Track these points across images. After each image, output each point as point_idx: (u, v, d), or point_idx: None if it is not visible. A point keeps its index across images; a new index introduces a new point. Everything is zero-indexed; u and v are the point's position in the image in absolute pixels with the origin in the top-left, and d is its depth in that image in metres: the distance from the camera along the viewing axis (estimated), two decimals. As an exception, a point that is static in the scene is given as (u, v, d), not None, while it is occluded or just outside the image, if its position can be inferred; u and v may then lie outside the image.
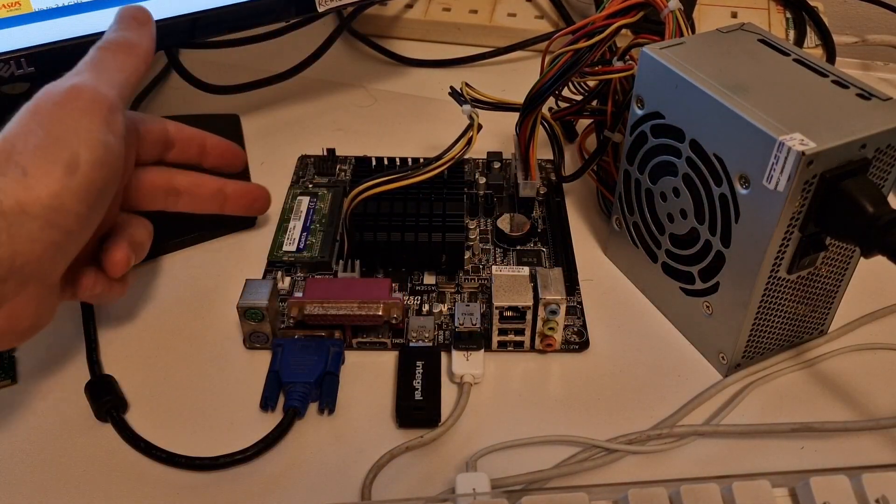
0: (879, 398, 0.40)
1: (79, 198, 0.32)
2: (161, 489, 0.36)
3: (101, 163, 0.33)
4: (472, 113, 0.43)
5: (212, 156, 0.45)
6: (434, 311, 0.44)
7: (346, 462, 0.37)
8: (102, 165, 0.33)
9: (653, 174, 0.41)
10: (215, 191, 0.44)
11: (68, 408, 0.39)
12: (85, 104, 0.34)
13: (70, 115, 0.33)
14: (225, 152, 0.45)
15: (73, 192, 0.32)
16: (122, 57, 0.37)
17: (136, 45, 0.38)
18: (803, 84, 0.36)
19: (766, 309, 0.38)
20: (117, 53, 0.37)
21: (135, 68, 0.37)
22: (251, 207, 0.47)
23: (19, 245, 0.31)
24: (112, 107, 0.35)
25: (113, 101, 0.35)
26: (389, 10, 0.69)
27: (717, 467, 0.37)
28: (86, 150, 0.33)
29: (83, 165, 0.33)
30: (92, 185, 0.33)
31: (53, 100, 0.34)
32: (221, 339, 0.43)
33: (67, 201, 0.32)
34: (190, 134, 0.44)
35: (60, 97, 0.34)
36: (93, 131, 0.33)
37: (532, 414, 0.39)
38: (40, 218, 0.31)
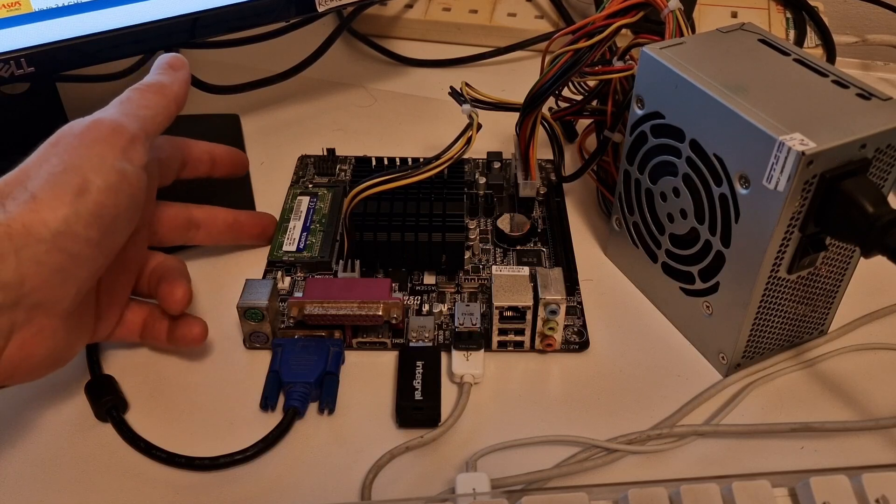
0: (879, 398, 0.40)
1: (88, 222, 0.32)
2: (161, 489, 0.36)
3: (114, 189, 0.33)
4: (471, 112, 0.43)
5: (221, 166, 0.46)
6: (434, 311, 0.44)
7: (346, 462, 0.37)
8: (116, 192, 0.34)
9: (653, 174, 0.41)
10: (231, 222, 0.46)
11: (68, 408, 0.39)
12: (103, 134, 0.34)
13: (86, 144, 0.34)
14: (231, 160, 0.46)
15: (82, 216, 0.32)
16: (151, 96, 0.38)
17: (167, 87, 0.39)
18: (803, 84, 0.36)
19: (766, 309, 0.38)
20: (146, 93, 0.38)
21: (163, 107, 0.38)
22: (262, 235, 0.48)
23: (26, 268, 0.31)
24: (132, 137, 0.35)
25: (134, 133, 0.35)
26: (389, 10, 0.69)
27: (717, 467, 0.37)
28: (98, 175, 0.33)
29: (94, 191, 0.33)
30: (103, 210, 0.33)
31: (74, 132, 0.34)
32: (221, 339, 0.43)
33: (76, 225, 0.32)
34: (201, 150, 0.44)
35: (81, 129, 0.34)
36: (107, 158, 0.34)
37: (532, 414, 0.39)
38: (47, 242, 0.31)
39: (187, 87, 0.40)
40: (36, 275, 0.31)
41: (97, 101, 0.60)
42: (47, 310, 0.33)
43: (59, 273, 0.32)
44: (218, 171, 0.46)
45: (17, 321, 0.32)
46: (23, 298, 0.31)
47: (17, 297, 0.31)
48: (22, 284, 0.31)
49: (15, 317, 0.31)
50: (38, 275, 0.31)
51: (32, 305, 0.32)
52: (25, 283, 0.31)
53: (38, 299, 0.32)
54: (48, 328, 0.33)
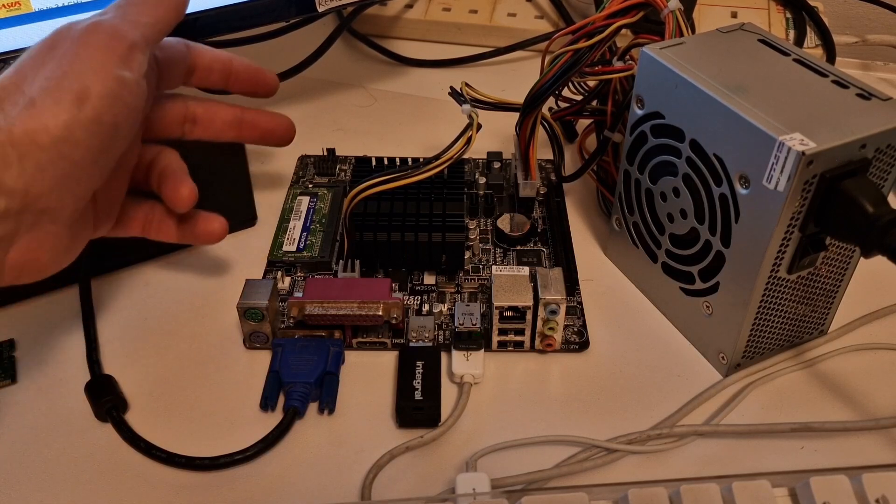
0: (879, 398, 0.40)
1: (89, 130, 0.32)
2: (161, 489, 0.36)
3: (113, 96, 0.33)
4: (471, 112, 0.43)
5: (239, 80, 0.43)
6: (434, 311, 0.44)
7: (346, 462, 0.37)
8: (115, 99, 0.33)
9: (653, 174, 0.41)
10: (232, 118, 0.43)
11: (68, 408, 0.39)
12: (102, 40, 0.33)
13: (85, 50, 0.33)
14: (253, 76, 0.43)
15: (82, 123, 0.32)
16: (152, 4, 0.36)
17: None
18: (803, 84, 0.36)
19: (766, 309, 0.38)
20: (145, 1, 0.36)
21: (163, 17, 0.36)
22: (271, 135, 0.45)
23: (30, 175, 0.31)
24: (131, 45, 0.34)
25: (133, 40, 0.34)
26: (389, 10, 0.69)
27: (717, 467, 0.37)
28: (97, 83, 0.32)
29: (94, 98, 0.32)
30: (103, 117, 0.33)
31: (71, 36, 0.33)
32: (221, 339, 0.43)
33: (77, 133, 0.32)
34: (213, 57, 0.42)
35: (79, 33, 0.33)
36: (107, 66, 0.33)
37: (532, 414, 0.39)
38: (50, 149, 0.31)
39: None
40: (40, 181, 0.31)
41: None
42: (51, 216, 0.33)
43: (62, 180, 0.32)
44: (236, 85, 0.43)
45: (22, 226, 0.32)
46: (28, 205, 0.31)
47: (23, 204, 0.31)
48: (27, 191, 0.31)
49: (21, 221, 0.32)
50: (41, 181, 0.31)
51: (38, 212, 0.32)
52: (30, 190, 0.31)
53: (42, 206, 0.32)
54: (52, 233, 0.33)
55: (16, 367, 0.41)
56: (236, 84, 0.43)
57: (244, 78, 0.43)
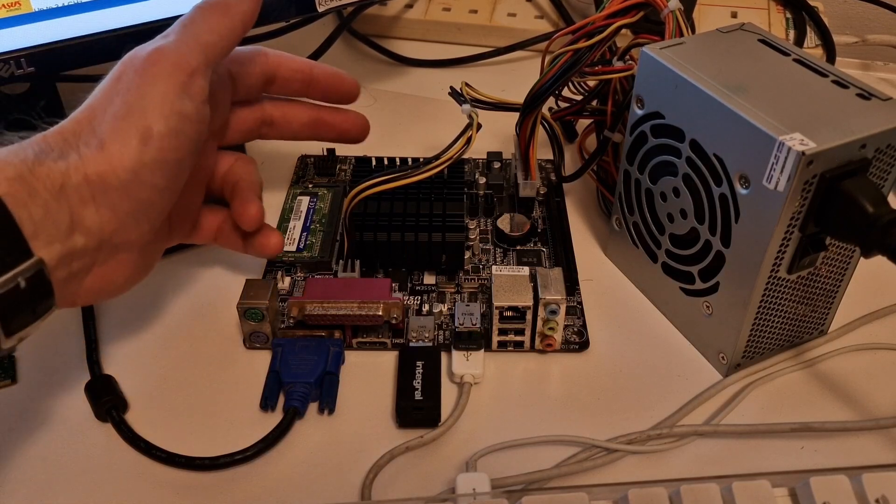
0: (879, 398, 0.40)
1: (153, 170, 0.33)
2: (161, 489, 0.36)
3: (175, 132, 0.33)
4: (471, 112, 0.43)
5: (320, 87, 0.43)
6: (434, 311, 0.44)
7: (346, 462, 0.37)
8: (177, 135, 0.33)
9: (653, 174, 0.41)
10: (308, 119, 0.43)
11: (68, 408, 0.39)
12: (164, 69, 0.33)
13: (148, 83, 0.33)
14: (334, 83, 0.43)
15: (147, 165, 0.32)
16: (217, 18, 0.36)
17: (233, 6, 0.36)
18: (803, 84, 0.36)
19: (766, 309, 0.38)
20: (212, 14, 0.36)
21: (228, 31, 0.36)
22: (347, 134, 0.45)
23: (103, 214, 0.32)
24: (193, 71, 0.34)
25: (195, 66, 0.34)
26: (389, 10, 0.69)
27: (717, 467, 0.37)
28: (159, 121, 0.32)
29: (156, 137, 0.32)
30: (167, 155, 0.33)
31: (135, 66, 0.33)
32: (221, 339, 0.43)
33: (143, 174, 0.32)
34: (294, 67, 0.41)
35: (141, 63, 0.33)
36: (168, 99, 0.33)
37: (532, 414, 0.39)
38: (118, 190, 0.32)
39: (258, 4, 0.37)
40: (112, 220, 0.32)
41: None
42: (125, 247, 0.34)
43: (132, 216, 0.33)
44: (315, 93, 0.42)
45: (97, 260, 0.33)
46: (104, 243, 0.32)
47: (100, 242, 0.32)
48: (102, 229, 0.32)
49: (96, 257, 0.32)
50: (114, 220, 0.32)
51: (113, 247, 0.33)
52: (105, 228, 0.32)
53: (117, 241, 0.33)
54: (126, 260, 0.34)
55: (16, 367, 0.41)
56: (316, 91, 0.43)
57: (325, 85, 0.43)
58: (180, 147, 0.34)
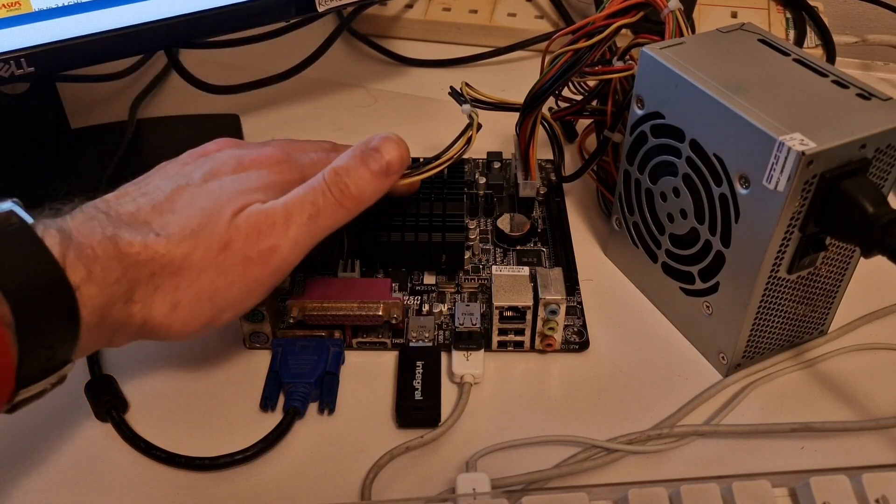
0: (879, 398, 0.40)
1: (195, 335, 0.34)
2: (161, 489, 0.36)
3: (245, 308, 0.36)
4: (471, 112, 0.43)
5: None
6: (434, 311, 0.44)
7: (346, 462, 0.37)
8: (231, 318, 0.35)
9: (653, 174, 0.41)
10: None
11: (68, 408, 0.39)
12: (268, 272, 0.34)
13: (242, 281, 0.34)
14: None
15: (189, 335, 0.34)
16: (341, 213, 0.36)
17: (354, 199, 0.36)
18: (803, 84, 0.36)
19: (766, 309, 0.38)
20: (339, 208, 0.36)
21: (342, 221, 0.36)
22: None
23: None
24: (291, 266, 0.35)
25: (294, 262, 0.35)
26: (389, 10, 0.69)
27: (717, 467, 0.37)
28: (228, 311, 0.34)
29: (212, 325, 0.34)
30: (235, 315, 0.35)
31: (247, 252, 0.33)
32: (221, 339, 0.43)
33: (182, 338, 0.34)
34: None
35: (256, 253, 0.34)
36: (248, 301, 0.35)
37: (532, 414, 0.39)
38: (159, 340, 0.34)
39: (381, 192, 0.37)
40: None
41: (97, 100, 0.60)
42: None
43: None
44: None
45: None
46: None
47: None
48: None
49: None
50: None
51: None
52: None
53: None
54: None
55: (16, 367, 0.41)
56: None
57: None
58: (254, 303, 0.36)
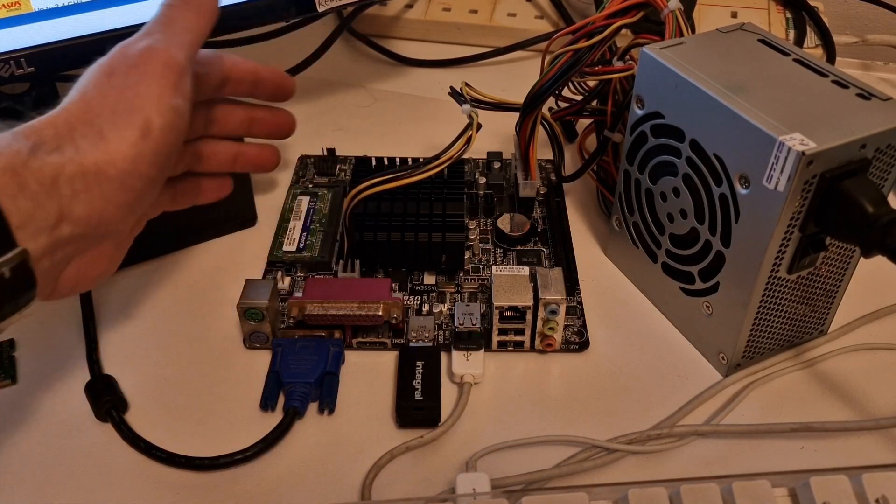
0: (879, 398, 0.40)
1: (150, 161, 0.33)
2: (161, 489, 0.36)
3: (171, 127, 0.34)
4: (471, 112, 0.43)
5: (266, 87, 0.44)
6: (434, 311, 0.44)
7: (346, 462, 0.37)
8: (172, 129, 0.34)
9: (653, 174, 0.41)
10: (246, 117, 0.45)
11: (68, 408, 0.39)
12: (158, 68, 0.34)
13: (144, 80, 0.34)
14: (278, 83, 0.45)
15: (145, 156, 0.33)
16: (191, 16, 0.37)
17: (205, 4, 0.38)
18: (803, 84, 0.36)
19: (766, 309, 0.38)
20: (186, 12, 0.37)
21: (203, 28, 0.37)
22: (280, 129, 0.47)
23: (96, 204, 0.32)
24: (182, 70, 0.35)
25: (183, 65, 0.35)
26: (389, 10, 0.69)
27: (717, 467, 0.37)
28: (158, 115, 0.33)
29: (155, 130, 0.33)
30: (163, 148, 0.34)
31: (129, 61, 0.34)
32: (221, 339, 0.43)
33: (141, 165, 0.33)
34: (245, 68, 0.43)
35: (135, 59, 0.34)
36: (164, 96, 0.34)
37: (532, 414, 0.39)
38: (116, 180, 0.32)
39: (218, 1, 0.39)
40: (104, 210, 0.32)
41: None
42: (111, 238, 0.34)
43: (125, 207, 0.33)
44: (262, 92, 0.44)
45: (80, 249, 0.33)
46: (91, 231, 0.33)
47: (86, 230, 0.32)
48: (91, 218, 0.32)
49: (80, 246, 0.33)
50: (106, 210, 0.32)
51: (98, 236, 0.33)
52: (93, 217, 0.32)
53: (103, 231, 0.33)
54: (105, 252, 0.35)
55: (16, 367, 0.41)
56: (263, 91, 0.44)
57: (270, 85, 0.44)
58: (175, 141, 0.35)
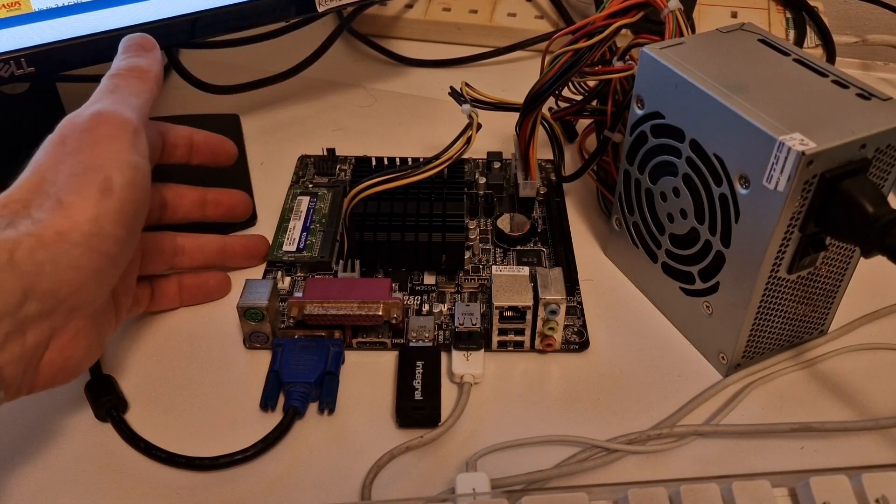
0: (879, 398, 0.40)
1: (115, 220, 0.33)
2: (161, 489, 0.36)
3: (132, 184, 0.34)
4: (471, 112, 0.43)
5: (200, 152, 0.44)
6: (434, 311, 0.44)
7: (346, 462, 0.37)
8: (134, 186, 0.34)
9: (653, 174, 0.41)
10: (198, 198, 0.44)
11: (68, 408, 0.39)
12: (111, 129, 0.34)
13: (98, 141, 0.34)
14: (211, 148, 0.44)
15: (110, 215, 0.32)
16: (136, 82, 0.37)
17: (147, 70, 0.38)
18: (803, 84, 0.36)
19: (766, 309, 0.38)
20: (130, 79, 0.37)
21: (149, 92, 0.38)
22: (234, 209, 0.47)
23: (63, 274, 0.31)
24: (135, 129, 0.35)
25: (135, 124, 0.35)
26: (389, 10, 0.69)
27: (717, 467, 0.37)
28: (118, 172, 0.33)
29: (117, 188, 0.33)
30: (127, 206, 0.33)
31: (79, 127, 0.34)
32: (221, 339, 0.43)
33: (106, 225, 0.32)
34: (178, 134, 0.43)
35: (85, 124, 0.34)
36: (122, 153, 0.34)
37: (532, 414, 0.39)
38: (81, 245, 0.32)
39: (162, 67, 0.40)
40: (73, 280, 0.32)
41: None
42: (82, 311, 0.33)
43: (94, 274, 0.32)
44: (196, 157, 0.44)
45: (56, 326, 0.32)
46: (61, 304, 0.32)
47: (56, 304, 0.31)
48: (59, 290, 0.31)
49: (54, 322, 0.32)
50: (75, 279, 0.32)
51: (70, 309, 0.32)
52: (63, 289, 0.31)
53: (74, 302, 0.32)
54: (82, 328, 0.33)
55: (16, 367, 0.41)
56: (198, 156, 0.44)
57: (205, 150, 0.44)
58: (137, 198, 0.34)
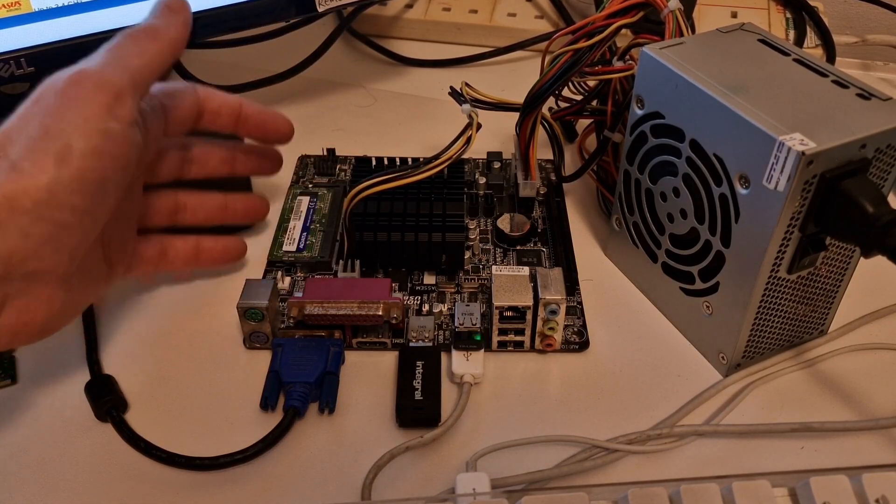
0: (879, 398, 0.40)
1: (72, 189, 0.31)
2: (161, 489, 0.36)
3: (98, 152, 0.32)
4: (471, 112, 0.43)
5: (249, 125, 0.42)
6: (434, 311, 0.44)
7: (346, 462, 0.37)
8: (101, 155, 0.32)
9: (653, 174, 0.41)
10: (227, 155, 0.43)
11: (68, 408, 0.39)
12: (86, 91, 0.32)
13: (68, 104, 0.32)
14: (265, 123, 0.42)
15: (64, 184, 0.31)
16: (145, 42, 0.35)
17: (163, 32, 0.36)
18: (803, 84, 0.36)
19: (766, 309, 0.38)
20: (139, 39, 0.35)
21: (157, 54, 0.35)
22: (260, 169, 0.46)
23: (13, 241, 0.30)
24: (119, 92, 0.33)
25: (121, 87, 0.33)
26: (389, 10, 0.69)
27: (717, 467, 0.37)
28: (80, 139, 0.31)
29: (76, 156, 0.31)
30: (87, 175, 0.31)
31: (55, 88, 0.32)
32: (221, 339, 0.43)
33: (59, 194, 0.31)
34: (221, 101, 0.41)
35: (62, 85, 0.32)
36: (90, 119, 0.31)
37: (532, 414, 0.39)
38: (30, 213, 0.30)
39: (186, 31, 0.37)
40: (23, 247, 0.30)
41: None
42: (42, 278, 0.32)
43: (48, 241, 0.31)
44: (244, 129, 0.42)
45: (10, 292, 0.31)
46: (13, 270, 0.31)
47: (7, 270, 0.30)
48: (10, 256, 0.30)
49: (7, 288, 0.31)
50: (25, 247, 0.30)
51: (24, 276, 0.31)
52: (13, 255, 0.30)
53: (29, 270, 0.31)
54: (44, 295, 0.32)
55: (16, 367, 0.41)
56: (245, 129, 0.42)
57: (255, 122, 0.42)
58: (104, 167, 0.32)
